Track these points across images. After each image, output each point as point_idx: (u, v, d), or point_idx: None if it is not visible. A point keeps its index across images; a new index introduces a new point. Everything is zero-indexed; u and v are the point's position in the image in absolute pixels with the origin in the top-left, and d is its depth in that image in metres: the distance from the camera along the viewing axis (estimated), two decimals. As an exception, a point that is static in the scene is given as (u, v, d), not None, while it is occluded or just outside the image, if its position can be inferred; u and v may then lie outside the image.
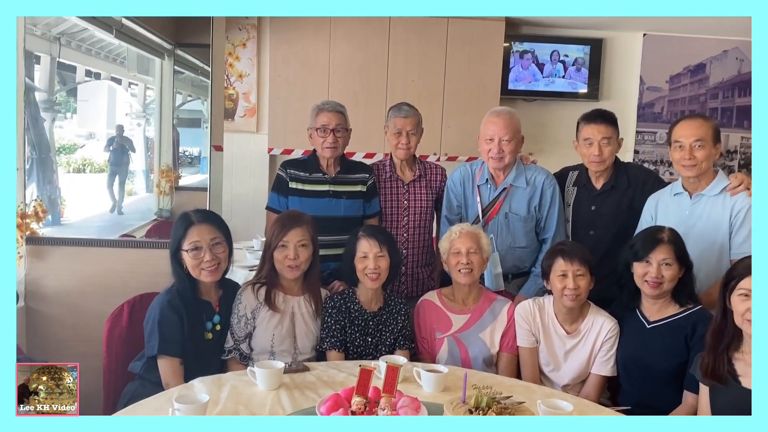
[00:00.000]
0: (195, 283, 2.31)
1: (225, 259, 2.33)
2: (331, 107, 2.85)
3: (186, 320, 2.23)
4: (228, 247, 2.35)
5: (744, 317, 1.88)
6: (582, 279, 2.34)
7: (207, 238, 2.27)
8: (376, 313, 2.50)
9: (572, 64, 5.26)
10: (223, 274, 2.37)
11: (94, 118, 5.70)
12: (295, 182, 2.84)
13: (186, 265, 2.27)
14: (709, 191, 2.53)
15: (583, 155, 2.80)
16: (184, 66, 4.89)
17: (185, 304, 2.25)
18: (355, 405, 1.72)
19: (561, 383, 2.44)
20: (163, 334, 2.19)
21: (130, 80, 5.40)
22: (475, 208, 2.91)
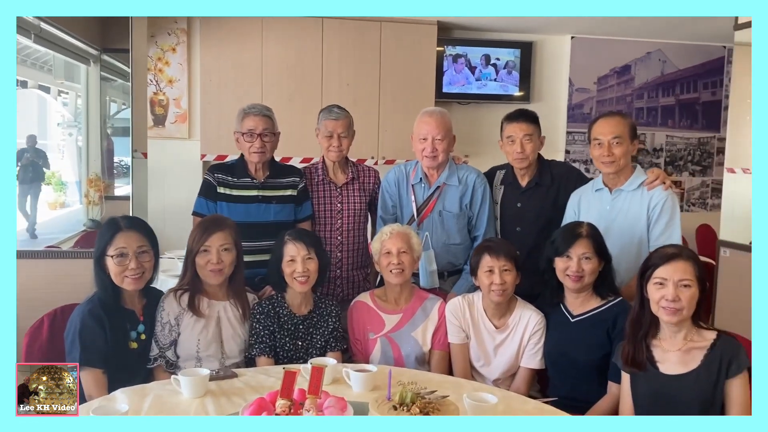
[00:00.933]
0: (118, 292, 2.25)
1: (150, 269, 2.28)
2: (258, 111, 2.81)
3: (108, 330, 2.16)
4: (154, 257, 2.30)
5: (659, 305, 1.96)
6: (508, 274, 2.39)
7: (134, 246, 2.22)
8: (305, 317, 2.48)
9: (503, 67, 5.38)
10: (148, 283, 2.31)
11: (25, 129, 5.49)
12: (223, 187, 2.80)
13: (110, 272, 2.21)
14: (628, 186, 2.62)
15: (507, 153, 2.87)
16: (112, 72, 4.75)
17: (107, 313, 2.18)
18: (280, 408, 1.70)
19: (492, 377, 2.48)
20: (85, 345, 2.12)
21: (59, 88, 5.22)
22: (409, 207, 2.94)
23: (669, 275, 1.95)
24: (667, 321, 1.96)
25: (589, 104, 5.64)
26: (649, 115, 5.74)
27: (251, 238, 2.69)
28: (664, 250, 2.04)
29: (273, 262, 2.49)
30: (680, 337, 1.98)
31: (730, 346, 1.91)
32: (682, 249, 2.04)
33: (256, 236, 2.73)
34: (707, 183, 5.91)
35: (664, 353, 2.00)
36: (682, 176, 5.86)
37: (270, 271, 2.53)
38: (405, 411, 1.67)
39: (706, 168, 5.90)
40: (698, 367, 1.92)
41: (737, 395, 1.88)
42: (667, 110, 5.76)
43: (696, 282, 1.94)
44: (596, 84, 5.63)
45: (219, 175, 2.81)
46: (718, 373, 1.89)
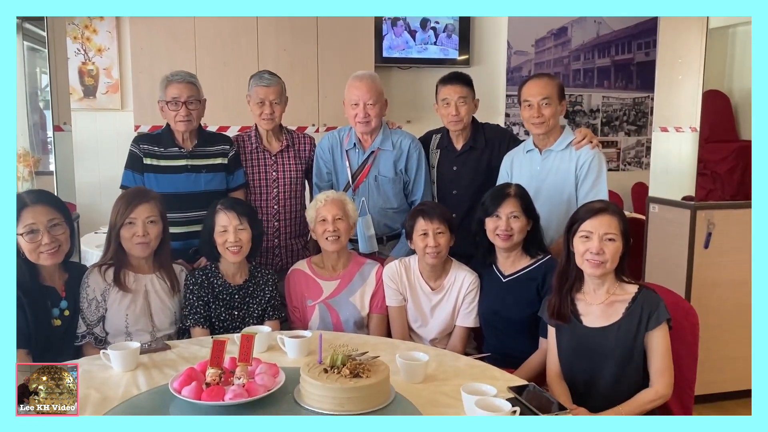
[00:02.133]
0: (35, 269, 2.18)
1: (66, 241, 2.21)
2: (181, 78, 2.72)
3: (28, 309, 2.10)
4: (68, 228, 2.22)
5: (584, 257, 2.02)
6: (442, 237, 2.42)
7: (44, 220, 2.14)
8: (241, 286, 2.47)
9: (443, 31, 5.36)
10: (66, 257, 2.24)
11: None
12: (149, 158, 2.72)
13: (22, 250, 2.13)
14: (557, 146, 2.68)
15: (442, 116, 2.88)
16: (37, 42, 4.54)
17: (25, 291, 2.11)
18: (210, 377, 1.70)
19: (429, 337, 2.53)
20: None
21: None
22: (344, 173, 2.93)
23: (594, 228, 2.00)
24: (590, 273, 2.03)
25: (528, 67, 5.68)
26: (585, 77, 5.82)
27: (182, 209, 2.64)
28: (590, 205, 2.10)
29: (205, 232, 2.45)
30: (603, 291, 2.05)
31: (650, 299, 1.99)
32: (608, 204, 2.10)
33: (186, 207, 2.68)
34: (642, 142, 6.07)
35: (588, 306, 2.07)
36: (618, 136, 6.00)
37: (202, 242, 2.49)
38: (336, 373, 1.69)
39: (640, 128, 6.05)
40: (619, 320, 1.99)
41: (657, 346, 1.95)
42: (603, 71, 5.86)
43: (620, 236, 2.00)
44: (534, 46, 5.67)
45: (144, 146, 2.73)
46: (638, 326, 1.96)
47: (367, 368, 1.71)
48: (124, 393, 1.77)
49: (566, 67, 5.78)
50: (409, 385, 1.83)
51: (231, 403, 1.62)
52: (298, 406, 1.67)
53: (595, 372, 2.01)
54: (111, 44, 4.68)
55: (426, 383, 1.86)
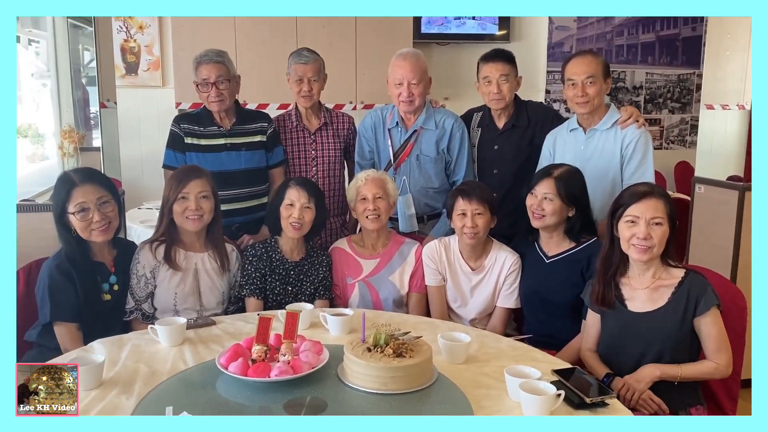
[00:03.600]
0: (85, 246, 2.23)
1: (115, 217, 2.25)
2: (209, 58, 2.71)
3: (79, 284, 2.15)
4: (117, 205, 2.27)
5: (630, 243, 1.98)
6: (480, 218, 2.40)
7: (93, 198, 2.18)
8: (297, 263, 2.50)
9: (482, 6, 5.26)
10: (115, 233, 2.29)
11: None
12: (190, 137, 2.75)
13: (74, 227, 2.18)
14: (602, 125, 2.62)
15: (484, 94, 2.84)
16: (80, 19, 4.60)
17: (76, 267, 2.17)
18: (256, 353, 1.73)
19: (468, 318, 2.53)
20: (55, 300, 2.11)
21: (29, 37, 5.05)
22: (386, 151, 2.92)
23: (641, 213, 1.96)
24: (637, 259, 1.99)
25: (569, 42, 5.56)
26: (629, 53, 5.67)
27: (223, 187, 2.67)
28: (635, 189, 2.05)
29: (272, 205, 2.50)
30: (649, 275, 2.01)
31: (697, 283, 1.94)
32: (653, 187, 2.05)
33: (228, 185, 2.71)
34: (686, 120, 5.90)
35: (633, 291, 2.03)
36: (661, 114, 5.84)
37: (268, 212, 2.55)
38: (379, 352, 1.70)
39: (685, 105, 5.88)
40: (665, 304, 1.96)
41: (709, 332, 1.92)
42: (647, 47, 5.69)
43: (667, 220, 1.96)
44: (576, 21, 5.53)
45: (185, 126, 2.76)
46: (684, 311, 1.92)
47: (410, 348, 1.72)
48: (172, 367, 1.81)
49: (609, 42, 5.63)
50: (450, 365, 1.83)
51: (276, 379, 1.65)
52: (341, 384, 1.69)
53: (640, 357, 1.98)
54: (152, 21, 4.70)
55: (468, 364, 1.86)
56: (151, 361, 1.85)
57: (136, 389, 1.67)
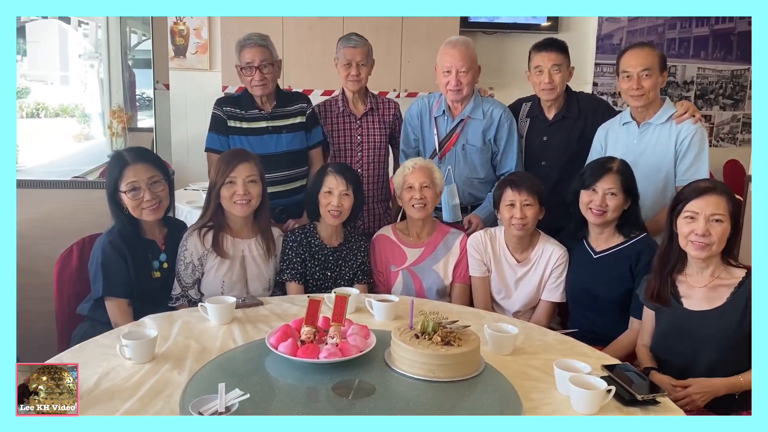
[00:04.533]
0: (137, 224, 2.27)
1: (166, 197, 2.28)
2: (253, 42, 2.71)
3: (131, 261, 2.20)
4: (167, 185, 2.30)
5: (687, 239, 1.93)
6: (529, 209, 2.37)
7: (144, 178, 2.21)
8: (336, 249, 2.51)
9: (530, -7, 5.18)
10: (166, 212, 2.32)
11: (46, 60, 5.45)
12: (233, 120, 2.77)
13: (126, 206, 2.22)
14: (656, 119, 2.56)
15: (535, 84, 2.80)
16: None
17: (128, 244, 2.21)
18: (305, 335, 1.75)
19: (512, 310, 2.51)
20: (108, 276, 2.16)
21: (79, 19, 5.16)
22: (432, 140, 2.91)
23: (701, 209, 1.91)
24: (695, 256, 1.94)
25: (619, 35, 5.44)
26: (681, 46, 5.53)
27: (266, 170, 2.69)
28: (697, 184, 2.00)
29: (310, 191, 2.51)
30: (707, 274, 1.96)
31: None
32: (716, 183, 2.00)
33: (270, 168, 2.72)
34: (738, 117, 5.74)
35: (690, 289, 1.99)
36: (712, 110, 5.69)
37: (306, 199, 2.55)
38: (427, 339, 1.70)
39: (737, 102, 5.72)
40: (724, 304, 1.91)
41: None
42: (701, 41, 5.54)
43: (728, 217, 1.90)
44: (627, 13, 5.41)
45: (228, 109, 2.78)
46: (743, 312, 1.87)
47: (458, 337, 1.71)
48: (222, 345, 1.84)
49: (660, 35, 5.49)
50: (497, 356, 1.82)
51: (325, 361, 1.66)
52: (388, 369, 1.70)
53: (693, 356, 1.94)
54: (201, 5, 4.75)
55: (514, 355, 1.85)
56: (201, 338, 1.89)
57: (188, 365, 1.70)
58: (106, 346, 1.81)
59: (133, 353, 1.70)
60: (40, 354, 2.25)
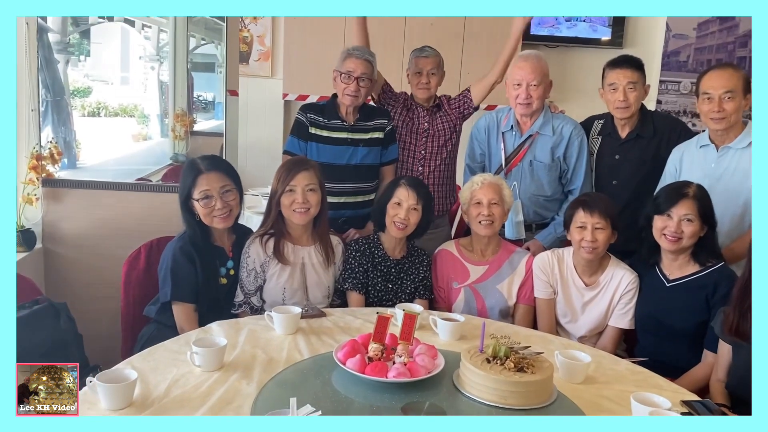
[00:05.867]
0: (207, 230, 2.30)
1: (236, 205, 2.30)
2: (360, 54, 2.75)
3: (199, 266, 2.22)
4: (239, 193, 2.32)
5: None
6: (601, 233, 2.30)
7: (217, 186, 2.24)
8: (398, 261, 2.50)
9: (595, 9, 5.09)
10: (235, 220, 2.34)
11: (108, 61, 5.62)
12: (314, 127, 2.79)
13: (197, 213, 2.25)
14: (737, 144, 2.46)
15: (609, 102, 2.73)
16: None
17: (198, 250, 2.24)
18: (373, 351, 1.72)
19: (578, 334, 2.44)
20: (176, 281, 2.19)
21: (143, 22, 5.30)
22: (498, 155, 2.86)
23: None
24: None
25: (687, 51, 5.27)
26: (752, 66, 5.34)
27: (337, 180, 2.70)
28: None
29: (380, 201, 2.51)
30: (792, 308, 1.86)
31: None
32: None
33: (341, 178, 2.74)
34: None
35: (773, 323, 1.89)
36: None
37: (375, 208, 2.55)
38: (499, 365, 1.65)
39: (810, 125, 5.48)
40: (809, 340, 1.81)
41: None
42: (773, 60, 5.34)
43: None
44: (696, 30, 5.24)
45: (311, 115, 2.80)
46: None
47: (531, 363, 1.66)
48: (288, 357, 1.83)
49: (730, 54, 5.29)
50: (568, 384, 1.77)
51: (394, 381, 1.63)
52: (458, 392, 1.66)
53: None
54: (266, 12, 4.82)
55: (586, 384, 1.79)
56: (268, 347, 1.88)
57: (256, 376, 1.69)
58: (174, 351, 1.82)
59: (203, 361, 1.71)
60: (105, 354, 2.31)
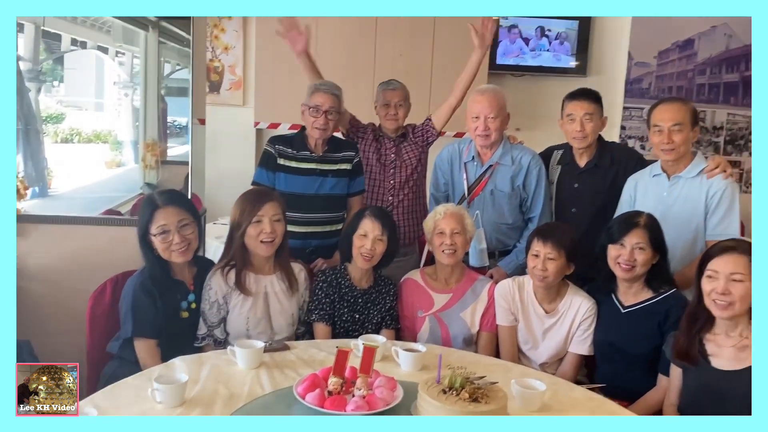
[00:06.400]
0: (167, 265, 2.31)
1: (195, 239, 2.32)
2: (327, 89, 2.83)
3: (160, 302, 2.23)
4: (197, 227, 2.33)
5: (710, 297, 1.94)
6: (552, 263, 2.36)
7: (174, 221, 2.25)
8: (365, 291, 2.54)
9: (555, 38, 5.25)
10: (194, 252, 2.36)
11: (82, 87, 5.62)
12: (283, 158, 2.84)
13: (156, 248, 2.26)
14: (687, 173, 2.56)
15: (567, 132, 2.83)
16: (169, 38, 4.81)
17: (157, 285, 2.25)
18: (332, 385, 1.76)
19: (539, 361, 2.49)
20: (137, 317, 2.20)
21: (117, 49, 5.32)
22: (461, 185, 2.95)
23: (721, 268, 1.93)
24: (718, 315, 1.94)
25: (648, 79, 5.45)
26: (710, 92, 5.51)
27: (305, 210, 2.76)
28: (720, 244, 2.02)
29: (346, 232, 2.55)
30: (736, 334, 1.95)
31: None
32: (740, 243, 1.99)
33: (309, 208, 2.79)
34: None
35: (719, 348, 1.97)
36: (742, 156, 5.64)
37: (342, 240, 2.59)
38: (454, 395, 1.70)
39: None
40: (753, 365, 1.89)
41: None
42: (731, 87, 5.52)
43: (749, 277, 1.89)
44: (656, 58, 5.42)
45: (279, 147, 2.86)
46: None
47: (485, 393, 1.71)
48: (250, 392, 1.86)
49: (690, 81, 5.48)
50: (524, 413, 1.81)
51: (353, 414, 1.67)
52: (415, 423, 1.70)
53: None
54: (237, 42, 4.89)
55: (541, 412, 1.84)
56: (230, 383, 1.91)
57: (217, 411, 1.72)
58: (137, 387, 1.84)
59: (164, 397, 1.73)
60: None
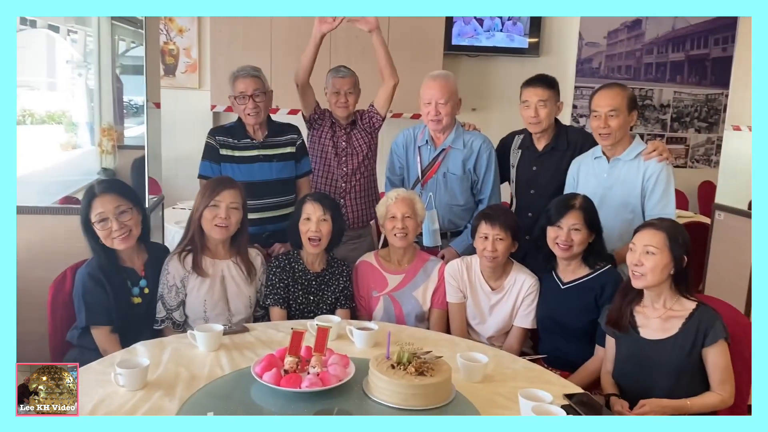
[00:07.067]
0: (113, 253, 2.35)
1: (136, 225, 2.35)
2: (246, 73, 2.86)
3: (110, 289, 2.28)
4: (139, 213, 2.37)
5: (630, 269, 2.12)
6: (501, 243, 2.51)
7: (111, 208, 2.29)
8: (318, 274, 2.63)
9: (508, 19, 5.36)
10: (143, 239, 2.41)
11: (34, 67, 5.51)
12: (225, 149, 2.89)
13: (99, 236, 2.31)
14: (625, 156, 2.70)
15: (523, 117, 2.93)
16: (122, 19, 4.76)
17: (105, 273, 2.30)
18: (288, 364, 1.86)
19: (486, 335, 2.64)
20: (89, 306, 2.26)
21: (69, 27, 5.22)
22: (415, 168, 3.05)
23: (638, 241, 2.12)
24: (634, 285, 2.13)
25: (599, 59, 5.63)
26: (657, 71, 5.72)
27: (256, 197, 2.82)
28: (646, 221, 2.21)
29: (292, 220, 2.63)
30: (660, 305, 2.12)
31: (707, 316, 2.05)
32: (662, 221, 2.17)
33: (260, 194, 2.86)
34: (713, 140, 5.94)
35: (647, 319, 2.14)
36: (687, 132, 5.89)
37: (289, 228, 2.66)
38: (402, 370, 1.82)
39: (712, 125, 5.92)
40: (675, 334, 2.06)
41: (715, 363, 2.02)
42: (677, 66, 5.74)
43: (665, 251, 2.06)
44: (606, 38, 5.60)
45: (220, 138, 2.90)
46: (693, 342, 2.03)
47: (431, 367, 1.84)
48: (210, 373, 1.95)
49: (638, 60, 5.68)
50: (468, 384, 1.94)
51: (306, 390, 1.78)
52: (366, 397, 1.82)
53: (649, 382, 2.09)
54: (191, 25, 4.88)
55: (484, 383, 1.97)
56: (191, 365, 2.00)
57: (178, 393, 1.81)
58: (100, 372, 1.91)
59: (127, 381, 1.81)
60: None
